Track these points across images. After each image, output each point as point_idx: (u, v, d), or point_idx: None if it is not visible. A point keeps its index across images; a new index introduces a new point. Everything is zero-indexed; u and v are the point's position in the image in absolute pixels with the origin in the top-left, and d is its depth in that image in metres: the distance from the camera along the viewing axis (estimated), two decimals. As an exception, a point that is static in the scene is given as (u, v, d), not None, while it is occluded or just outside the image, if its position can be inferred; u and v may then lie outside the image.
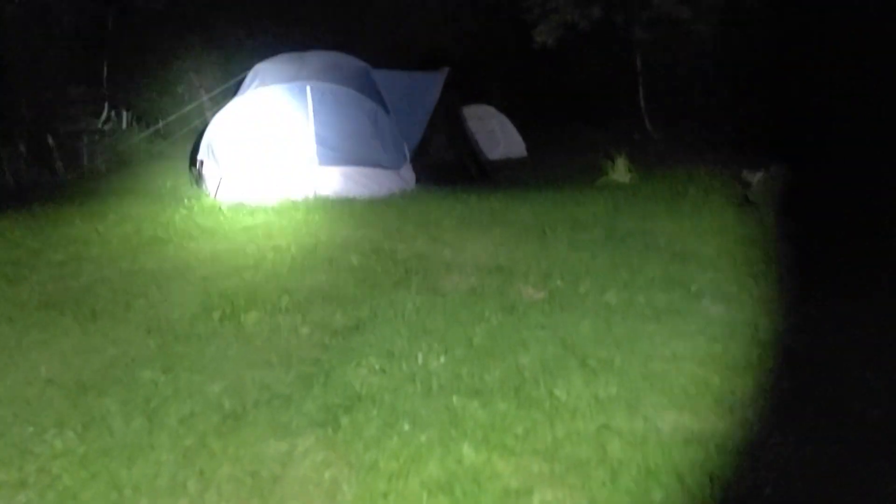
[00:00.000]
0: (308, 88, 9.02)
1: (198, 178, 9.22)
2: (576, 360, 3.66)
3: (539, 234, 6.20)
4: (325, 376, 3.56)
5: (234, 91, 10.52)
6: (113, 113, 12.27)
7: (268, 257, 5.64)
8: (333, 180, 8.62)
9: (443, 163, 11.29)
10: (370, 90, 10.00)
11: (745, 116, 12.42)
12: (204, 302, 4.63)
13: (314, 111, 8.95)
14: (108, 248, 6.08)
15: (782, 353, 3.71)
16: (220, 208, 7.47)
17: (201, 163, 9.02)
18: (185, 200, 8.19)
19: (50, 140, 10.60)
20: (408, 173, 9.21)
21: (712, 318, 4.22)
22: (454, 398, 3.30)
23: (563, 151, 15.27)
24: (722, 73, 13.95)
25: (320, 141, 8.82)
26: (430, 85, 11.07)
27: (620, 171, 10.37)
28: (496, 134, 16.17)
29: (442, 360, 3.70)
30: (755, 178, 7.28)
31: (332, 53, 10.70)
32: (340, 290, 4.87)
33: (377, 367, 3.65)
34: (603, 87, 16.48)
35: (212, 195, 8.48)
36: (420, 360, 3.70)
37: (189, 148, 10.94)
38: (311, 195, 8.43)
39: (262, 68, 10.07)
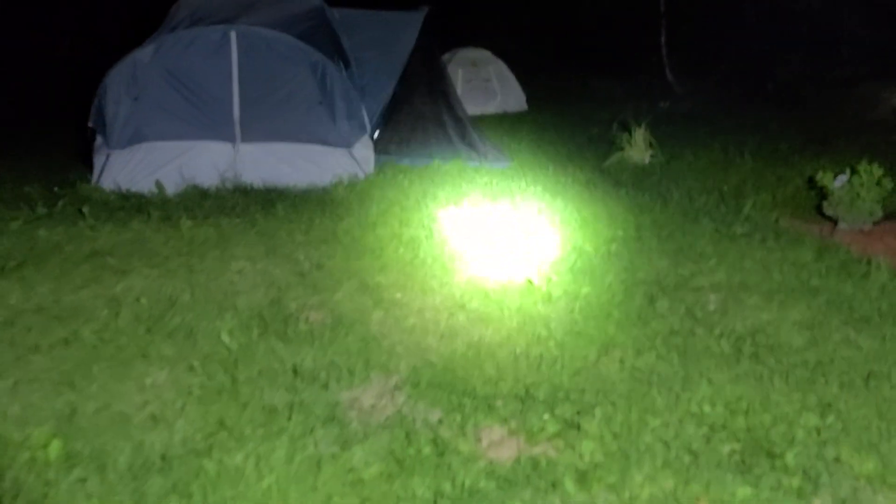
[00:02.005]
0: (233, 35, 6.58)
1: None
2: None
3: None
4: None
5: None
6: None
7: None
8: (260, 162, 6.29)
9: (419, 126, 8.89)
10: (323, 36, 7.54)
11: (800, 72, 9.92)
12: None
13: (239, 66, 6.54)
14: None
15: None
16: (81, 211, 5.17)
17: (92, 132, 6.69)
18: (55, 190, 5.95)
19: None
20: (364, 151, 6.84)
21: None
22: None
23: (568, 107, 12.77)
24: (766, 12, 11.31)
25: (245, 108, 6.44)
26: (405, 28, 8.59)
27: (638, 146, 8.00)
28: (493, 83, 13.62)
29: None
30: (835, 182, 4.99)
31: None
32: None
33: None
34: (618, 29, 13.82)
35: (94, 180, 6.20)
36: None
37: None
38: (227, 182, 6.16)
39: (184, 2, 7.59)
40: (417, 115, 8.82)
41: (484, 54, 13.55)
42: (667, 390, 2.88)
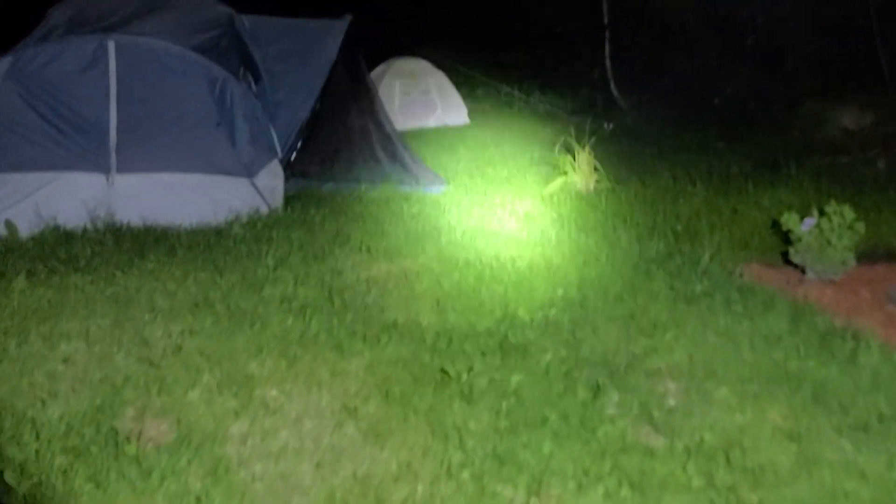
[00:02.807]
0: (111, 45, 5.50)
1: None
2: None
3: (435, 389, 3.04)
4: None
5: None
6: None
7: None
8: (140, 196, 5.22)
9: (344, 146, 7.93)
10: (227, 48, 6.54)
11: (746, 87, 9.33)
12: None
13: (119, 83, 5.48)
14: None
15: None
16: None
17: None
18: None
19: None
20: (270, 180, 5.85)
21: None
22: None
23: (511, 122, 11.99)
24: (709, 24, 10.74)
25: (124, 132, 5.37)
26: (326, 38, 7.63)
27: (582, 170, 7.24)
28: (432, 96, 12.74)
29: None
30: (802, 226, 4.27)
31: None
32: None
33: None
34: (561, 40, 13.14)
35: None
36: None
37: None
38: (98, 221, 5.09)
39: (60, 8, 6.46)
40: (341, 133, 7.87)
41: (423, 65, 12.67)
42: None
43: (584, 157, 7.32)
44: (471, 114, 12.81)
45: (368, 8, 11.66)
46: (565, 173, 7.38)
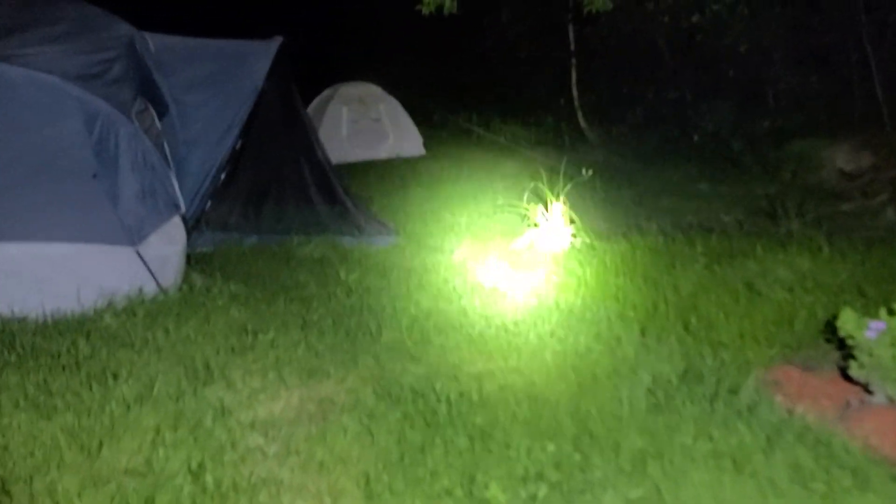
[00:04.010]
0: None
1: None
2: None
3: None
4: None
5: None
6: None
7: None
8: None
9: (272, 191, 6.60)
10: (120, 76, 5.19)
11: (726, 121, 8.32)
12: None
13: (-40, 121, 4.10)
14: None
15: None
16: None
17: None
18: None
19: None
20: (164, 247, 4.45)
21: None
22: None
23: (470, 153, 10.82)
24: (684, 53, 9.78)
25: (-38, 187, 4.01)
26: (252, 62, 6.34)
27: (556, 225, 6.07)
28: (383, 124, 11.50)
29: None
30: (868, 332, 3.15)
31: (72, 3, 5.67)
32: None
33: None
34: (524, 65, 12.08)
35: None
36: None
37: None
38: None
39: None
40: (269, 175, 6.54)
41: (373, 90, 11.44)
42: None
43: (558, 206, 6.17)
44: (426, 143, 11.63)
45: (311, 27, 10.39)
46: (536, 224, 6.21)
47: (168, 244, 4.48)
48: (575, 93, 10.83)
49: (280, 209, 6.38)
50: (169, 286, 4.28)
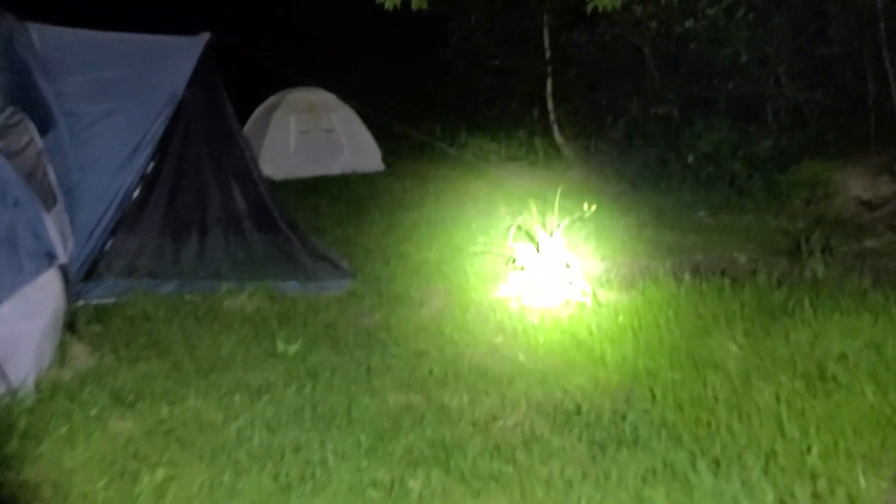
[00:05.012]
0: None
1: None
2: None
3: None
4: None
5: None
6: None
7: None
8: None
9: (194, 226, 5.26)
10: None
11: (724, 140, 7.33)
12: None
13: None
14: None
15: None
16: None
17: None
18: None
19: None
20: (17, 323, 3.15)
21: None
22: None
23: (435, 171, 9.66)
24: (670, 63, 8.82)
25: None
26: (171, 63, 5.06)
27: (551, 271, 4.93)
28: (337, 135, 10.21)
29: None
30: None
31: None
32: None
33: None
34: (496, 75, 11.00)
35: None
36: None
37: None
38: None
39: None
40: (192, 205, 5.19)
41: (325, 97, 10.16)
42: None
43: (551, 244, 5.05)
44: (385, 158, 10.42)
45: (251, 22, 9.05)
46: (522, 268, 5.08)
47: (25, 318, 3.15)
48: (550, 104, 9.77)
49: (204, 248, 5.07)
50: (20, 382, 2.96)
